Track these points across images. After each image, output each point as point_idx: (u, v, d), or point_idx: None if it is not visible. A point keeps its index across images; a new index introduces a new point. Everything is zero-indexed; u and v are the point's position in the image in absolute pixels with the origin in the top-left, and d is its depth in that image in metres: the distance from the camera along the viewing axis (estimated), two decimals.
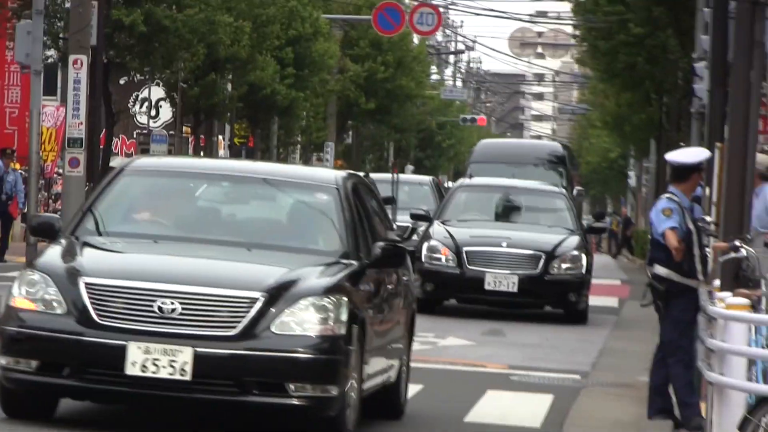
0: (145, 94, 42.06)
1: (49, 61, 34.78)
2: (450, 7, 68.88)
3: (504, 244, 22.47)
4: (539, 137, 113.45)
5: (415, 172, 69.84)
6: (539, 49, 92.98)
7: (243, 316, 9.05)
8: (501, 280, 21.93)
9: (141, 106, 42.61)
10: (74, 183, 28.47)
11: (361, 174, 22.83)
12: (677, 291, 10.87)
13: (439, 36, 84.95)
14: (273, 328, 9.08)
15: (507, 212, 24.60)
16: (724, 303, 9.39)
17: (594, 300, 23.52)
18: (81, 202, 19.18)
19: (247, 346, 9.01)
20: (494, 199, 25.07)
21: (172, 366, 8.81)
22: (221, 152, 51.09)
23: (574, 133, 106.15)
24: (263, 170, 11.97)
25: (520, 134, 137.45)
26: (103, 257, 9.90)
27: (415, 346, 18.43)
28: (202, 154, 44.98)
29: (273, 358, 9.10)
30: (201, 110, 46.43)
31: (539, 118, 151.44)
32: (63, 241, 9.87)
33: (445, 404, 13.75)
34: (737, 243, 11.37)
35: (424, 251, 22.53)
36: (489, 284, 22.02)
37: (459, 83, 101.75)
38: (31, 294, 9.28)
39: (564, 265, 22.33)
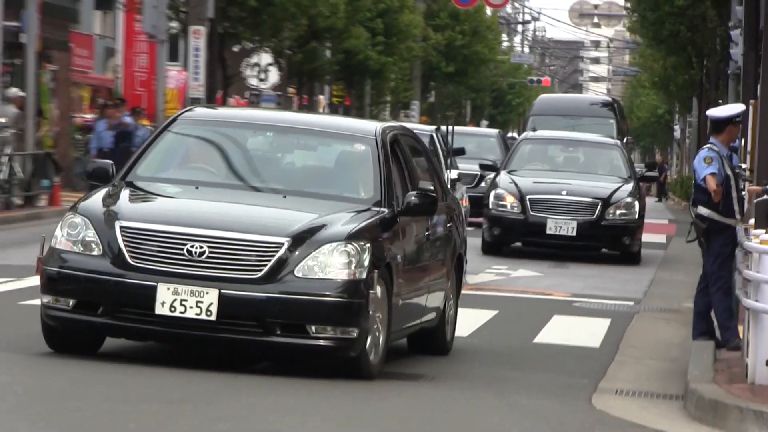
0: (255, 60, 41.91)
1: (172, 31, 34.47)
2: None
3: (564, 192, 21.46)
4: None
5: (489, 126, 70.23)
6: (596, 20, 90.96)
7: (268, 260, 8.40)
8: (561, 225, 20.92)
9: (252, 70, 42.34)
10: None
11: (441, 127, 22.47)
12: (717, 228, 10.73)
13: (508, 8, 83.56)
14: (296, 272, 8.40)
15: (567, 162, 24.05)
16: (759, 239, 9.15)
17: (645, 237, 22.76)
18: None
19: (270, 288, 8.38)
20: (555, 150, 24.36)
21: (198, 306, 8.24)
22: (320, 110, 50.98)
23: (626, 93, 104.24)
24: (307, 121, 10.99)
25: (580, 93, 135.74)
26: (140, 202, 9.29)
27: (490, 277, 18.40)
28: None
29: (295, 300, 8.43)
30: (303, 74, 46.82)
31: (596, 79, 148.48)
32: (109, 186, 9.16)
33: (517, 327, 13.35)
34: None
35: (491, 198, 21.67)
36: (550, 229, 21.01)
37: (526, 49, 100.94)
38: (71, 236, 8.68)
39: (619, 212, 21.12)
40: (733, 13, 30.29)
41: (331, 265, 8.38)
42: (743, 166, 14.94)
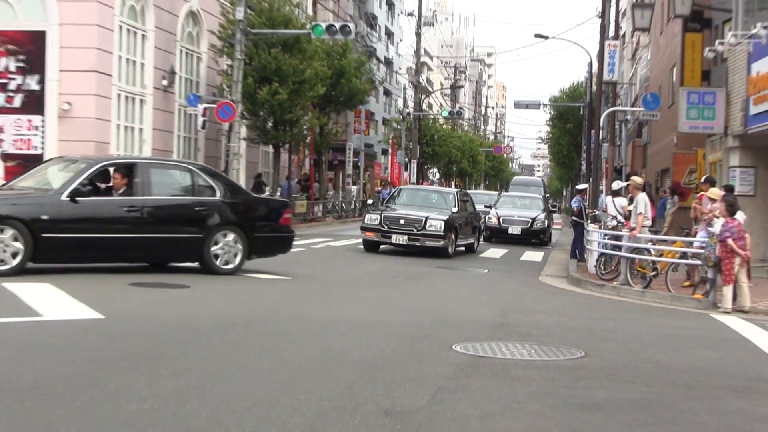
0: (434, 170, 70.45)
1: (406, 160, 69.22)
2: None
3: (515, 215, 39.85)
4: None
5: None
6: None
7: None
8: (515, 230, 39.23)
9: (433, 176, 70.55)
10: None
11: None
12: None
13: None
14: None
15: (520, 204, 43.09)
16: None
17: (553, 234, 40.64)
18: None
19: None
20: (515, 199, 45.02)
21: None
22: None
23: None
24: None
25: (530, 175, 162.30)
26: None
27: (492, 250, 36.53)
28: None
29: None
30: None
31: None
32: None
33: (514, 254, 30.57)
34: None
35: (487, 218, 38.95)
36: (512, 231, 41.53)
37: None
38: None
39: (538, 224, 39.37)
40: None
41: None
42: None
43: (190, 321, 12.11)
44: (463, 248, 30.07)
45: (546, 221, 38.84)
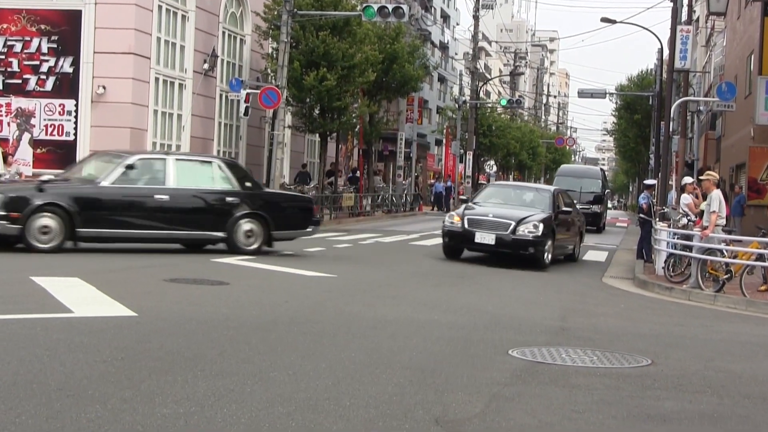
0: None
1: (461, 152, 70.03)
2: None
3: (489, 214, 27.77)
4: None
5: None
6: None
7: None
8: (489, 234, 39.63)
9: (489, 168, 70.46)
10: None
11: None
12: None
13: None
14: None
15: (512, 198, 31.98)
16: None
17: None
18: None
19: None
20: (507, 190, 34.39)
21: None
22: None
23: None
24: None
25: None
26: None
27: None
28: None
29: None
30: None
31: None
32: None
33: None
34: None
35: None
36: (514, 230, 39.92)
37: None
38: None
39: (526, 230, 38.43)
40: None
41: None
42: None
43: (229, 319, 12.13)
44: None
45: (545, 228, 25.56)
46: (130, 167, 20.81)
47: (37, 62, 34.14)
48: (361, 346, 10.87)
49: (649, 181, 32.80)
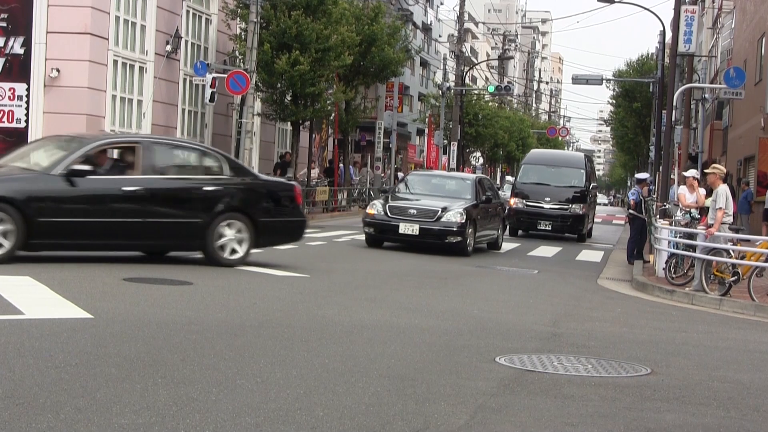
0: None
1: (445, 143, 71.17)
2: None
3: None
4: None
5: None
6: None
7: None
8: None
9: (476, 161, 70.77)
10: None
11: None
12: None
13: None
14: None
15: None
16: None
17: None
18: None
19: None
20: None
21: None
22: None
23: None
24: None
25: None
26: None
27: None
28: None
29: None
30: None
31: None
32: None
33: (568, 253, 30.54)
34: None
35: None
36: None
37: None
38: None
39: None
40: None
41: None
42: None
43: (192, 323, 12.12)
44: (484, 245, 30.31)
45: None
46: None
47: None
48: (336, 353, 10.87)
49: (640, 175, 32.79)
